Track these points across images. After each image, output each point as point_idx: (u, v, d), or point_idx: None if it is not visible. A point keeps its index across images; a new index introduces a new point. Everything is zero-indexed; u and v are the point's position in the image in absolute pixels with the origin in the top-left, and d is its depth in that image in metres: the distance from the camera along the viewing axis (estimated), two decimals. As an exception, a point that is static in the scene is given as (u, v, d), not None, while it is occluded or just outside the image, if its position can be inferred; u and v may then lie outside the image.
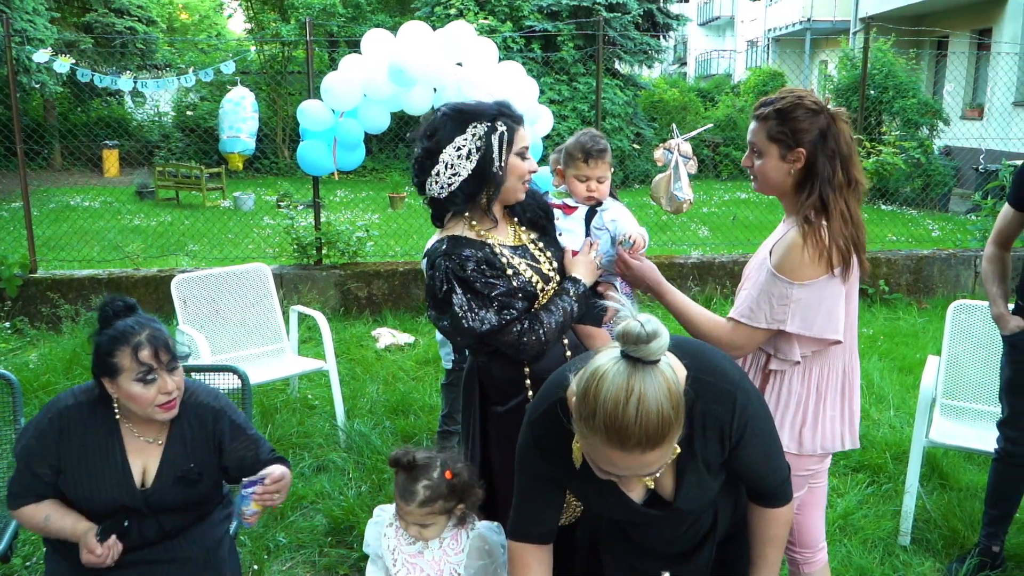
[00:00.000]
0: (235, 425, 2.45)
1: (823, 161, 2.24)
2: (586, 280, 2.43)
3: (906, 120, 13.63)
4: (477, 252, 2.27)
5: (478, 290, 2.23)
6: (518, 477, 2.02)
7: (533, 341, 2.26)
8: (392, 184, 15.12)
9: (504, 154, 2.29)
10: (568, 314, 2.33)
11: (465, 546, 2.25)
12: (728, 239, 9.71)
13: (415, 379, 5.55)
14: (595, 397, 1.57)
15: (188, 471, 2.37)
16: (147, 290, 6.78)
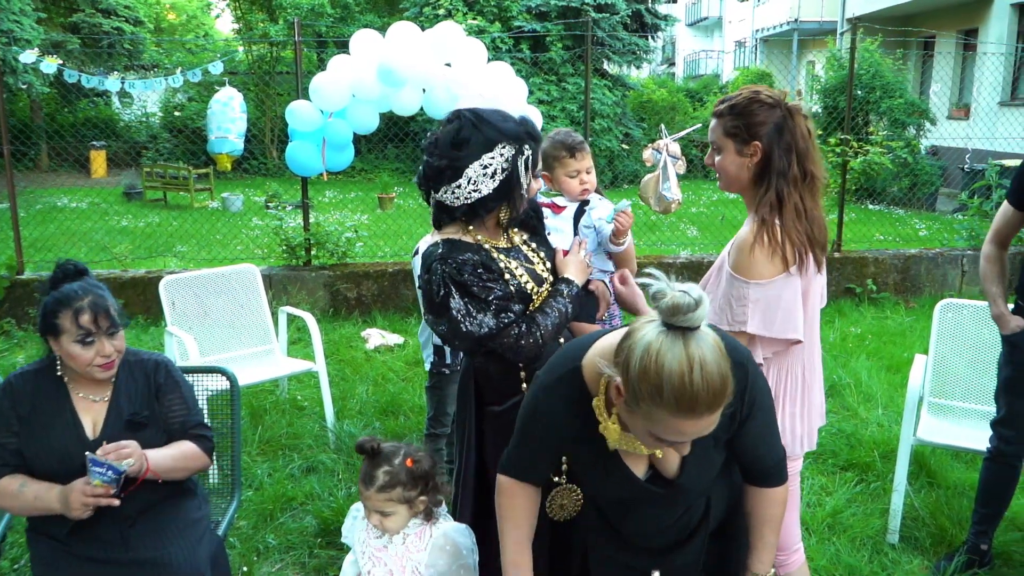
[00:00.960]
0: (171, 378, 2.57)
1: (779, 154, 2.23)
2: (578, 280, 2.45)
3: (893, 120, 13.70)
4: (473, 256, 2.28)
5: (475, 294, 2.24)
6: (520, 432, 2.03)
7: (531, 343, 2.27)
8: (381, 184, 15.09)
9: (528, 177, 2.33)
10: (563, 315, 2.36)
11: (428, 544, 2.25)
12: (717, 239, 9.73)
13: (405, 380, 5.54)
14: (658, 373, 1.59)
15: (135, 415, 2.47)
16: (135, 291, 6.75)
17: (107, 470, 2.26)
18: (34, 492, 2.36)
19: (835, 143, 7.74)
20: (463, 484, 2.54)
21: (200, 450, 2.55)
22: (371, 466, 2.23)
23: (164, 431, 2.52)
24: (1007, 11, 15.99)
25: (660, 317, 1.64)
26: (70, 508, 2.29)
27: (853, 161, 7.70)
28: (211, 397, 3.06)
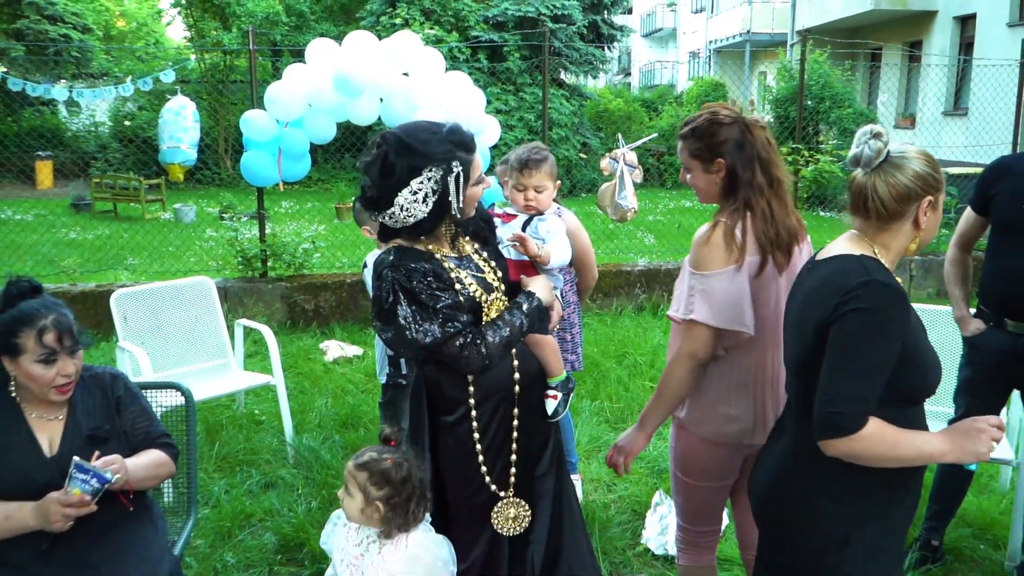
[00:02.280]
0: (130, 391, 2.53)
1: (742, 167, 2.35)
2: (542, 296, 2.44)
3: (842, 129, 14.00)
4: (424, 264, 2.27)
5: (423, 302, 2.23)
6: (869, 352, 1.83)
7: (475, 355, 2.27)
8: (338, 194, 14.98)
9: (462, 192, 2.30)
10: (517, 329, 2.34)
11: (403, 554, 2.24)
12: (674, 247, 9.84)
13: (364, 392, 5.49)
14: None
15: (95, 429, 2.41)
16: (85, 306, 6.59)
17: (92, 477, 2.21)
18: (3, 512, 2.28)
19: (786, 152, 7.88)
20: None
21: (168, 457, 2.52)
22: (370, 447, 2.32)
23: (127, 444, 2.47)
24: (950, 24, 16.48)
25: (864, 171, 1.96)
26: (49, 521, 2.22)
27: (804, 170, 7.84)
28: (165, 413, 3.00)
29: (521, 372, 2.40)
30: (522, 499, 2.46)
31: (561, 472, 2.62)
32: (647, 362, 5.91)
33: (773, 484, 2.07)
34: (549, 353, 2.49)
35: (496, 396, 2.38)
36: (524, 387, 2.41)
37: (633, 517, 3.90)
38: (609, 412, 5.09)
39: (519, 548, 2.51)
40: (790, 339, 2.07)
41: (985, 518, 3.77)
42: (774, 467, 2.09)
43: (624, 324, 6.92)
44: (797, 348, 2.00)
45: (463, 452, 2.39)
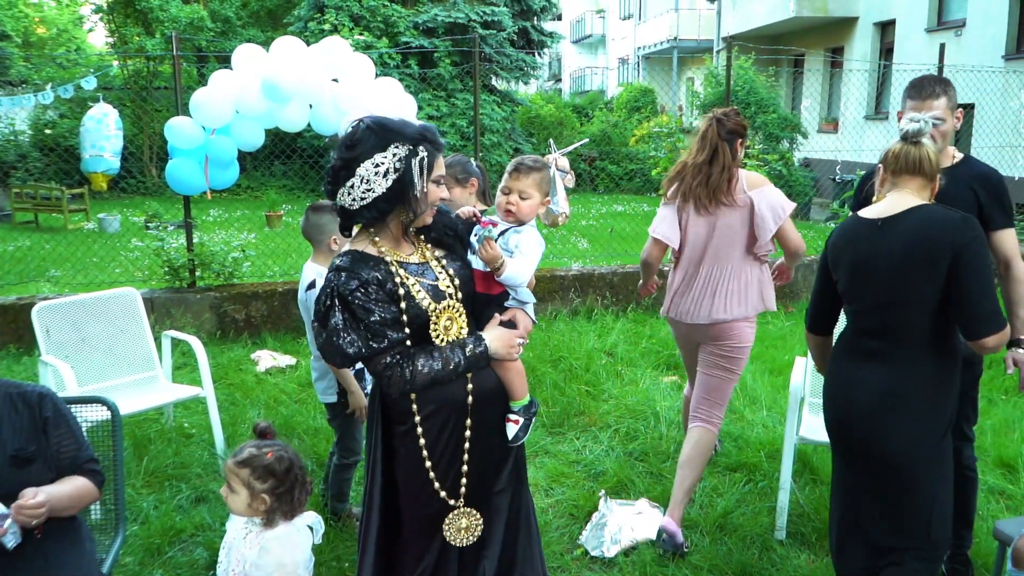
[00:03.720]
0: (58, 412, 2.46)
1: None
2: (493, 348, 2.39)
3: (768, 134, 14.35)
4: (370, 272, 2.25)
5: (355, 312, 2.22)
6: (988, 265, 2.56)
7: (397, 377, 2.26)
8: (268, 202, 14.72)
9: (424, 180, 2.30)
10: (452, 366, 2.32)
11: (258, 546, 2.30)
12: (607, 250, 9.94)
13: (298, 402, 5.42)
14: None
15: (19, 450, 2.32)
16: (5, 320, 6.36)
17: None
18: None
19: (715, 156, 8.03)
20: (368, 504, 2.51)
21: (93, 484, 2.45)
22: (248, 443, 2.36)
23: (52, 467, 2.38)
24: (870, 30, 17.03)
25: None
26: None
27: (732, 173, 8.00)
28: (91, 428, 2.92)
29: (475, 387, 2.40)
30: (474, 509, 2.48)
31: (520, 488, 2.64)
32: (582, 366, 5.97)
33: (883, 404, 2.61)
34: (513, 376, 2.48)
35: (447, 409, 2.38)
36: (478, 402, 2.41)
37: (570, 521, 3.93)
38: (546, 417, 5.11)
39: (471, 560, 2.52)
40: (887, 282, 2.59)
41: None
42: (877, 390, 2.63)
43: (559, 328, 6.97)
44: (916, 283, 2.54)
45: (413, 462, 2.40)
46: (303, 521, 2.39)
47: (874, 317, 2.68)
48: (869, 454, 2.69)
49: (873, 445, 2.65)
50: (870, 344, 2.68)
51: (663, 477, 4.34)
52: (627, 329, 7.01)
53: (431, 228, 2.47)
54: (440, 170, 2.36)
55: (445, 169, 3.05)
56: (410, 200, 2.29)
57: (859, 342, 2.73)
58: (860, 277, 2.69)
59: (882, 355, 2.64)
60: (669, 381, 5.82)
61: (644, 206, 15.52)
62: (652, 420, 5.02)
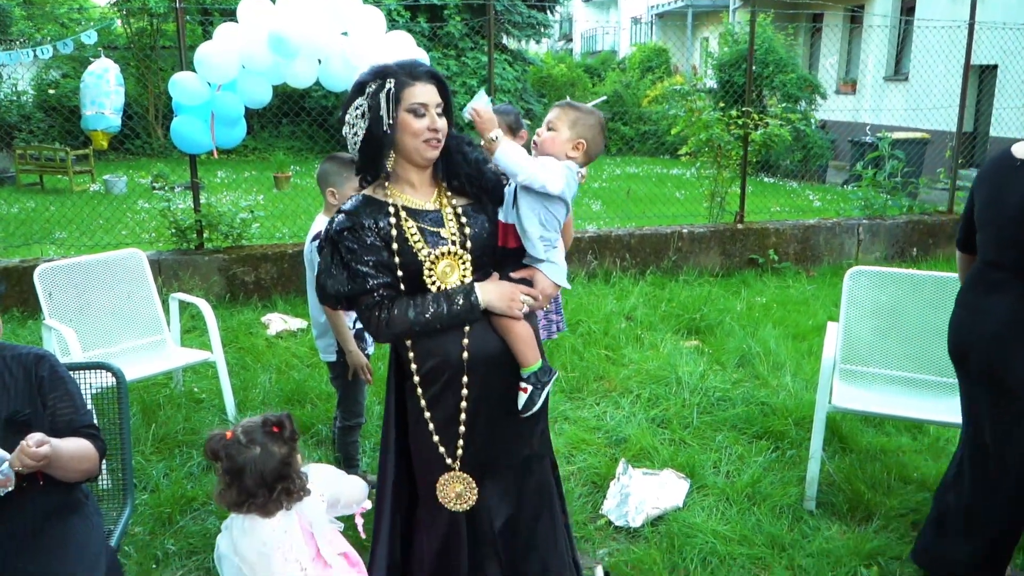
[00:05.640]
0: (55, 373, 2.34)
1: None
2: (487, 300, 2.27)
3: (786, 94, 14.05)
4: (371, 216, 2.24)
5: (342, 254, 2.24)
6: None
7: (374, 320, 2.25)
8: (276, 163, 14.52)
9: (392, 111, 2.22)
10: (436, 316, 2.24)
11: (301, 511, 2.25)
12: (622, 212, 9.77)
13: (310, 366, 5.29)
14: None
15: (15, 413, 2.22)
16: (9, 282, 6.23)
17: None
18: None
19: (736, 116, 7.82)
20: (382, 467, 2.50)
21: (94, 448, 2.31)
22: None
23: (50, 432, 2.24)
24: (890, -13, 16.59)
25: None
26: None
27: (754, 134, 7.79)
28: (96, 395, 2.81)
29: (472, 345, 2.29)
30: (471, 477, 2.38)
31: (538, 467, 2.52)
32: (601, 330, 5.82)
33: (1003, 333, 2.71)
34: (516, 338, 2.33)
35: (444, 367, 2.30)
36: (475, 363, 2.30)
37: (592, 489, 3.81)
38: (565, 382, 4.98)
39: (483, 535, 2.45)
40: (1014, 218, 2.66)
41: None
42: (999, 321, 2.72)
43: (576, 292, 6.82)
44: None
45: (417, 420, 2.37)
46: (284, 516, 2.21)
47: (1000, 250, 2.77)
48: (989, 382, 2.78)
49: (993, 373, 2.76)
50: (995, 275, 2.78)
51: (686, 444, 4.21)
52: (646, 292, 6.85)
53: (457, 175, 2.34)
54: (416, 99, 2.23)
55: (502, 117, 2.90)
56: (382, 136, 2.22)
57: (986, 273, 2.83)
58: (992, 208, 2.78)
59: (1006, 287, 2.74)
60: (691, 346, 5.66)
61: (659, 168, 15.27)
62: (674, 385, 4.87)
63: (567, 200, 2.36)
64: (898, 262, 7.92)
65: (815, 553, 3.27)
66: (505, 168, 2.26)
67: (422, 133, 2.23)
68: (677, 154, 9.24)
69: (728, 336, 5.81)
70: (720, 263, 7.70)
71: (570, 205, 2.41)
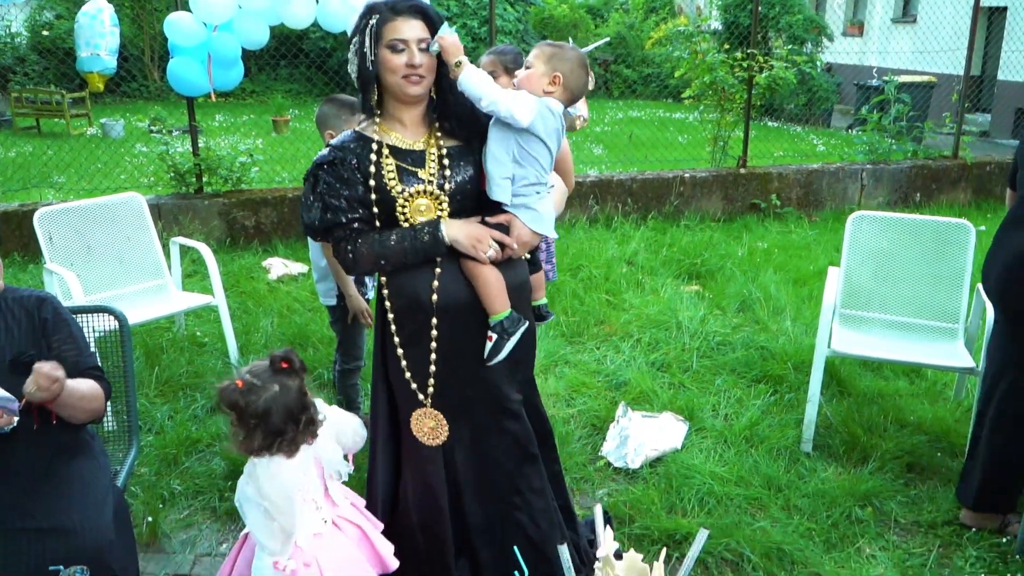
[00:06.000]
0: (58, 315, 2.35)
1: None
2: (451, 236, 2.25)
3: (792, 36, 13.83)
4: (354, 151, 2.26)
5: (319, 186, 2.27)
6: None
7: (344, 251, 2.30)
8: (275, 107, 14.38)
9: (373, 47, 2.22)
10: (400, 248, 2.25)
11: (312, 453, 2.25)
12: (624, 157, 9.70)
13: (311, 310, 5.31)
14: None
15: (20, 355, 2.23)
16: (9, 227, 6.23)
17: None
18: None
19: (740, 58, 7.71)
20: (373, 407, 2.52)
21: (101, 390, 2.33)
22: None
23: None
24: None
25: None
26: None
27: (759, 76, 7.69)
28: (99, 338, 2.82)
29: (441, 287, 2.29)
30: (441, 413, 2.42)
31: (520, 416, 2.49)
32: (602, 275, 5.83)
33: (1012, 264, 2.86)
34: (482, 285, 2.30)
35: (416, 307, 2.32)
36: (443, 303, 2.30)
37: (592, 432, 3.86)
38: (565, 326, 5.00)
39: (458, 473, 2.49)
40: None
41: (941, 426, 3.81)
42: (1013, 252, 2.87)
43: (578, 237, 6.80)
44: None
45: (393, 358, 2.41)
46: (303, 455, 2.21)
47: None
48: (1004, 310, 2.95)
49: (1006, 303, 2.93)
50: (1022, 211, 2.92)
51: (685, 388, 4.25)
52: (648, 237, 6.84)
53: (447, 116, 2.33)
54: (396, 34, 2.20)
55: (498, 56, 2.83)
56: (367, 73, 2.24)
57: (1017, 209, 2.97)
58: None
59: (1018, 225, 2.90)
60: (691, 291, 5.68)
61: (661, 112, 15.11)
62: (674, 330, 4.90)
63: (541, 136, 2.29)
64: (901, 207, 7.88)
65: (810, 494, 3.33)
66: (469, 94, 2.22)
67: (400, 69, 2.20)
68: (680, 98, 9.13)
69: (729, 281, 5.82)
70: (722, 208, 7.67)
71: (552, 146, 2.34)
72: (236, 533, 3.12)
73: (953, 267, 3.95)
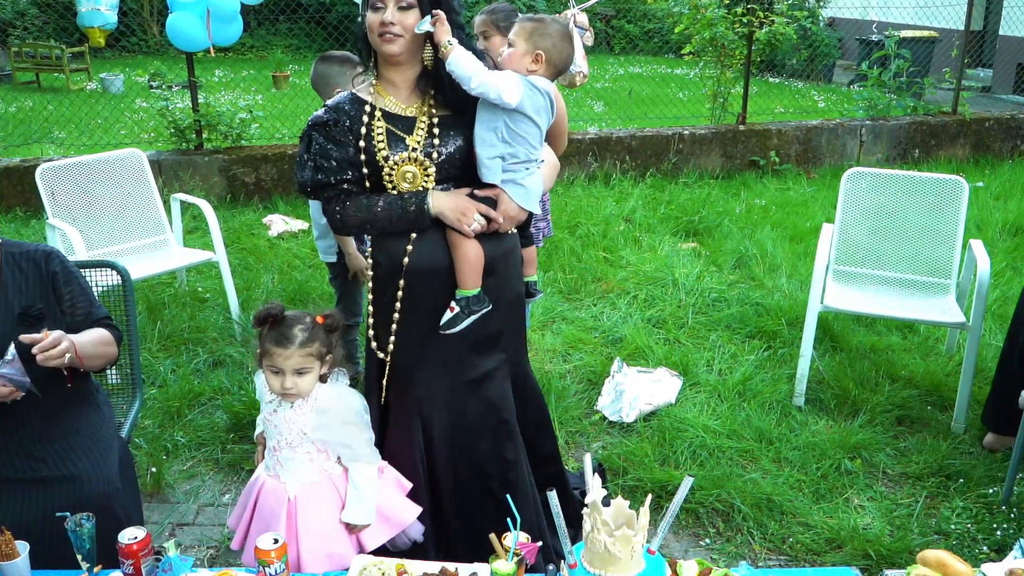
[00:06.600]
0: (67, 268, 2.37)
1: None
2: (437, 207, 2.26)
3: (794, -11, 13.64)
4: (348, 113, 2.29)
5: (311, 145, 2.31)
6: None
7: (332, 212, 2.33)
8: (274, 62, 14.25)
9: (363, 7, 2.24)
10: (387, 216, 2.27)
11: (311, 407, 2.23)
12: (624, 114, 9.66)
13: (312, 267, 5.36)
14: None
15: (28, 308, 2.25)
16: (10, 182, 6.25)
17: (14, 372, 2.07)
18: None
19: (741, 13, 7.64)
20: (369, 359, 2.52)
21: (111, 336, 2.37)
22: (284, 327, 2.17)
23: (64, 325, 2.29)
24: None
25: None
26: None
27: (759, 32, 7.63)
28: (102, 293, 2.86)
29: (414, 250, 2.31)
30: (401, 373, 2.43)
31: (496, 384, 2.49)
32: (599, 232, 5.86)
33: None
34: (461, 259, 2.30)
35: (390, 268, 2.35)
36: (412, 275, 2.32)
37: (588, 387, 3.92)
38: (562, 283, 5.05)
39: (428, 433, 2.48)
40: None
41: (932, 380, 3.87)
42: None
43: (576, 194, 6.82)
44: None
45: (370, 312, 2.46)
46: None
47: None
48: None
49: None
50: None
51: (681, 344, 4.31)
52: (645, 195, 6.85)
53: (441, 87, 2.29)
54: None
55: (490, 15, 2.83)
56: (362, 37, 2.27)
57: None
58: None
59: None
60: (688, 248, 5.71)
61: (662, 67, 14.98)
62: (670, 287, 4.95)
63: (529, 115, 2.28)
64: (899, 163, 7.88)
65: (801, 446, 3.40)
66: (457, 76, 2.20)
67: (376, 28, 2.19)
68: (681, 54, 9.07)
69: (726, 238, 5.85)
70: (721, 165, 7.67)
71: (541, 122, 2.33)
72: (239, 484, 3.21)
73: (946, 223, 3.99)
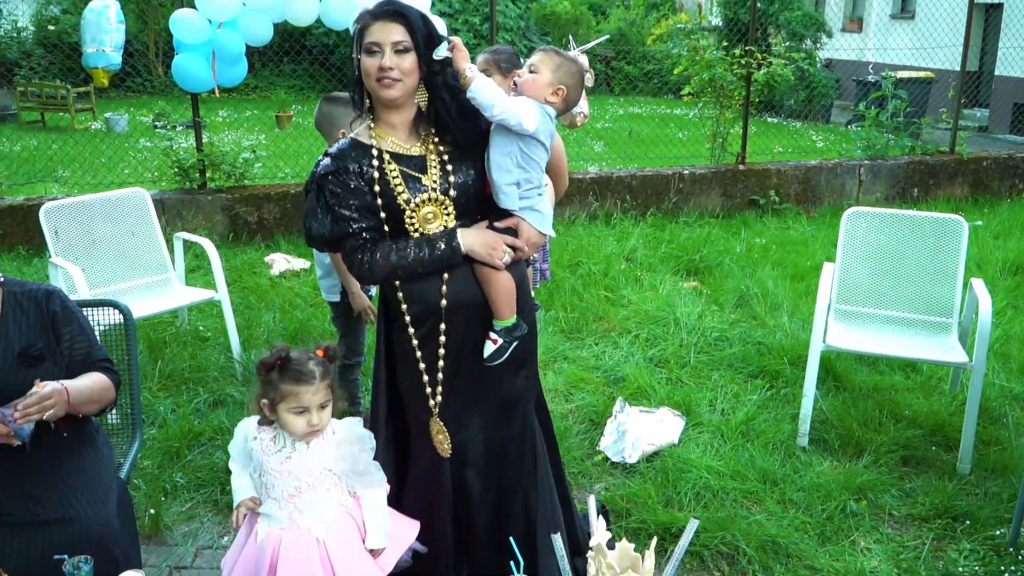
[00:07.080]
0: (67, 308, 2.36)
1: None
2: (468, 245, 2.27)
3: (791, 32, 13.85)
4: (355, 159, 2.26)
5: (326, 197, 2.27)
6: None
7: (358, 262, 2.29)
8: (278, 103, 14.41)
9: (357, 52, 2.25)
10: (418, 260, 2.26)
11: (332, 440, 2.20)
12: (624, 153, 9.73)
13: (313, 306, 5.36)
14: None
15: (28, 348, 2.24)
16: (13, 220, 6.28)
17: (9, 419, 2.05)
18: None
19: (739, 55, 7.74)
20: (375, 406, 2.51)
21: (110, 382, 2.35)
22: (296, 365, 2.13)
23: (63, 366, 2.29)
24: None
25: None
26: None
27: (757, 73, 7.72)
28: (104, 332, 2.85)
29: (450, 291, 2.31)
30: (447, 424, 2.43)
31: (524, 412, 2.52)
32: (601, 271, 5.87)
33: None
34: (495, 290, 2.32)
35: (428, 312, 2.33)
36: (452, 308, 2.33)
37: (590, 427, 3.90)
38: (564, 322, 5.05)
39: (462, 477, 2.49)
40: None
41: (936, 420, 3.85)
42: None
43: (577, 233, 6.84)
44: None
45: (407, 363, 2.40)
46: None
47: None
48: None
49: None
50: None
51: (683, 383, 4.29)
52: (646, 234, 6.88)
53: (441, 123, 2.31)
54: (371, 37, 2.20)
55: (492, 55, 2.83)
56: (357, 80, 2.26)
57: None
58: None
59: None
60: (689, 287, 5.72)
61: (662, 108, 15.13)
62: (672, 326, 4.94)
63: (542, 140, 2.32)
64: (899, 203, 7.92)
65: (806, 487, 3.37)
66: (479, 103, 2.21)
67: (373, 72, 2.20)
68: (680, 94, 9.16)
69: (727, 277, 5.86)
70: (721, 204, 7.71)
71: (548, 147, 2.37)
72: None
73: (947, 262, 3.99)
